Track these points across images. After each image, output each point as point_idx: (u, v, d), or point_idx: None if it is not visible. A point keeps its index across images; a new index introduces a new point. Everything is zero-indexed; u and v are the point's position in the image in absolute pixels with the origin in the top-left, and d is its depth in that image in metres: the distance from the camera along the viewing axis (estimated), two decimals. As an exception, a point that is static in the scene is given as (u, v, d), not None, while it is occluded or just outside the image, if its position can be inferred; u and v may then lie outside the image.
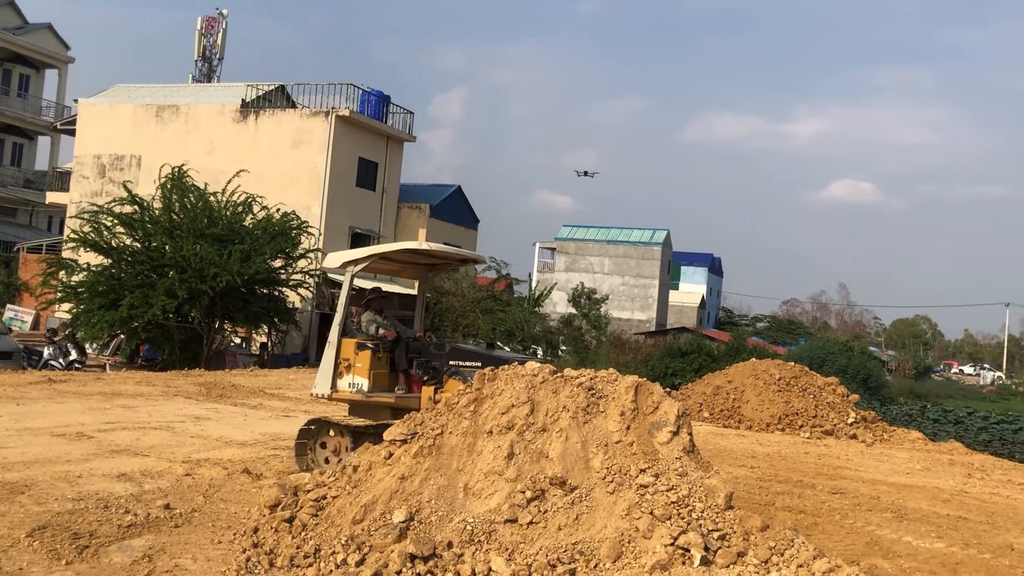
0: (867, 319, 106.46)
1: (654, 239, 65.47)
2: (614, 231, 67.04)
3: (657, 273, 64.74)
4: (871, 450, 15.57)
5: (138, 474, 8.88)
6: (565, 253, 66.45)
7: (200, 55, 47.22)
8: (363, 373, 9.57)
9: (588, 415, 6.97)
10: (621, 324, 55.52)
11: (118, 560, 6.11)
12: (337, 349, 9.65)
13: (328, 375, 9.64)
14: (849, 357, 30.40)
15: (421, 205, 36.36)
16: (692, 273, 79.78)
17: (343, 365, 9.66)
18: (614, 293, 60.47)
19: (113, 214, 23.54)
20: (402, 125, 35.73)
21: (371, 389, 9.56)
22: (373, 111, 33.77)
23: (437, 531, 6.21)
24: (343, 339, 9.71)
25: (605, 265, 65.16)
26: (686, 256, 77.79)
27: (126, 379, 18.32)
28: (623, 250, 65.16)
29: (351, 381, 9.60)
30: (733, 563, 5.76)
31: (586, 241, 66.41)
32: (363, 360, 9.59)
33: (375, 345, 9.70)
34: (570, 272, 63.73)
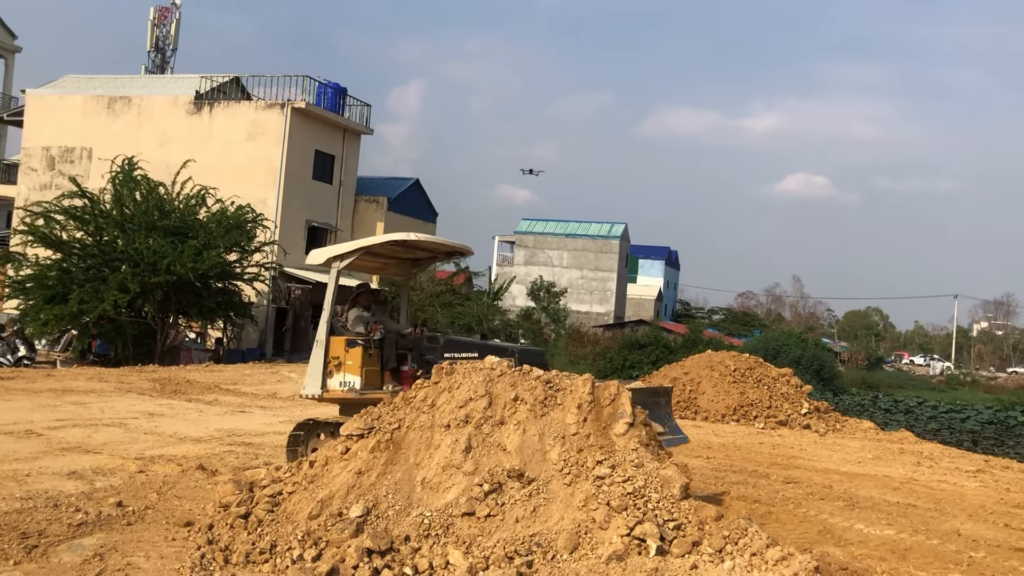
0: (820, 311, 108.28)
1: (612, 233, 65.81)
2: (573, 225, 67.26)
3: (615, 266, 65.10)
4: (824, 440, 15.83)
5: (89, 472, 8.73)
6: (524, 247, 66.52)
7: (153, 46, 46.46)
8: (355, 371, 9.36)
9: (546, 408, 7.00)
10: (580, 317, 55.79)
11: (68, 559, 6.01)
12: (326, 348, 9.41)
13: (318, 375, 9.38)
14: (803, 348, 30.90)
15: (379, 198, 36.14)
16: (649, 266, 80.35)
17: (333, 364, 9.42)
18: (573, 286, 60.73)
19: (62, 209, 23.05)
20: (359, 118, 35.47)
21: (364, 387, 9.38)
22: (330, 103, 33.46)
23: (394, 525, 6.20)
24: (331, 337, 9.49)
25: (564, 259, 65.36)
26: (643, 249, 78.35)
27: (77, 375, 17.99)
28: (582, 244, 65.42)
29: (342, 379, 9.39)
30: (688, 553, 5.82)
31: (545, 235, 66.54)
32: (354, 358, 9.40)
33: (365, 342, 9.50)
34: (529, 266, 63.83)
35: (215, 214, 24.92)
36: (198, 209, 24.74)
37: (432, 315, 32.91)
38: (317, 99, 32.82)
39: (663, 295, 79.18)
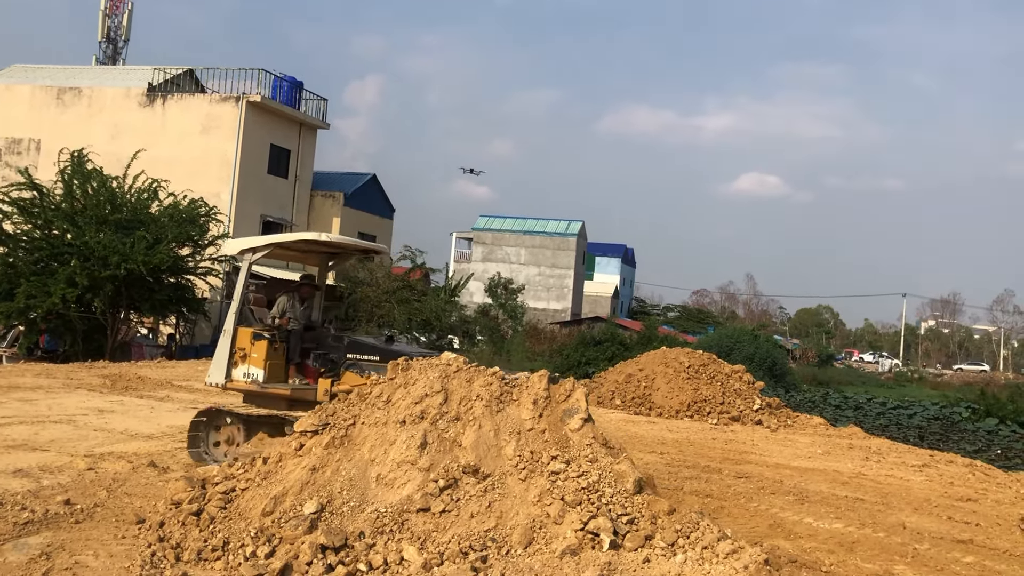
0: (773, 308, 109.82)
1: (569, 230, 66.09)
2: (530, 222, 67.43)
3: (572, 263, 65.41)
4: (775, 435, 16.07)
5: (36, 470, 8.56)
6: (482, 243, 66.53)
7: (104, 36, 45.54)
8: (259, 363, 9.42)
9: (502, 404, 7.03)
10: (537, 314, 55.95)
11: (13, 559, 5.89)
12: (233, 338, 9.49)
13: (223, 364, 9.47)
14: (756, 345, 31.32)
15: (335, 193, 35.89)
16: (606, 264, 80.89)
17: (238, 354, 9.50)
18: (530, 283, 60.90)
19: (9, 200, 22.53)
20: (315, 112, 35.18)
21: (267, 380, 9.43)
22: (285, 97, 33.15)
23: (349, 521, 6.18)
24: (239, 328, 9.55)
25: (521, 255, 65.49)
26: (600, 247, 78.86)
27: (24, 371, 17.62)
28: (539, 240, 65.61)
29: (246, 371, 9.45)
30: (641, 546, 5.89)
31: (503, 231, 66.62)
32: (259, 350, 9.44)
33: (272, 335, 9.55)
34: (487, 262, 63.86)
35: (167, 208, 24.54)
36: (150, 203, 24.34)
37: (388, 311, 32.73)
38: (273, 93, 32.50)
39: (619, 292, 79.76)
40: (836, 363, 71.16)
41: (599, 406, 18.04)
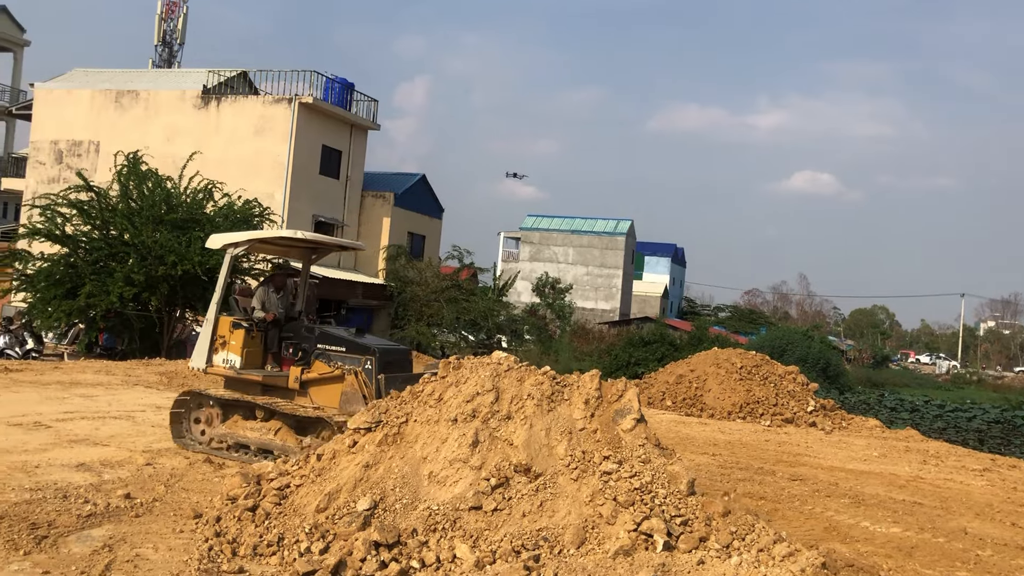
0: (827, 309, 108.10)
1: (618, 229, 65.77)
2: (578, 221, 67.24)
3: (621, 263, 65.07)
4: (830, 437, 15.81)
5: (98, 464, 8.76)
6: (530, 243, 66.53)
7: (160, 40, 46.47)
8: (236, 350, 10.04)
9: (553, 403, 7.01)
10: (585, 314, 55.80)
11: (77, 550, 6.04)
12: (214, 326, 10.14)
13: (204, 350, 10.14)
14: (809, 346, 30.88)
15: (385, 194, 36.15)
16: (655, 263, 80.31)
17: (219, 341, 10.13)
18: (578, 283, 60.73)
19: (68, 202, 23.09)
20: (366, 113, 35.47)
21: (243, 366, 10.03)
22: (337, 98, 33.47)
23: (401, 519, 6.21)
24: (221, 317, 10.21)
25: (569, 255, 65.35)
26: (649, 246, 78.31)
27: (85, 368, 18.04)
28: (587, 240, 65.39)
29: (225, 357, 10.09)
30: (695, 548, 5.83)
31: (550, 231, 66.54)
32: (237, 338, 10.06)
33: (249, 324, 10.11)
34: (534, 262, 63.86)
35: (222, 208, 24.93)
36: (205, 203, 24.76)
37: (437, 310, 32.91)
38: (324, 94, 32.84)
39: (669, 292, 79.17)
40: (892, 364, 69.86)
41: (649, 407, 17.93)
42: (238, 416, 9.85)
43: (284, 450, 9.23)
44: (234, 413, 9.88)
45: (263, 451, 9.45)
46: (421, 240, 38.66)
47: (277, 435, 9.51)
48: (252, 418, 9.76)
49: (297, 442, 9.30)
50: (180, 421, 10.10)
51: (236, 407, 9.87)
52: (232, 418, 9.87)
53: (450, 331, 33.75)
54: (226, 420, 9.89)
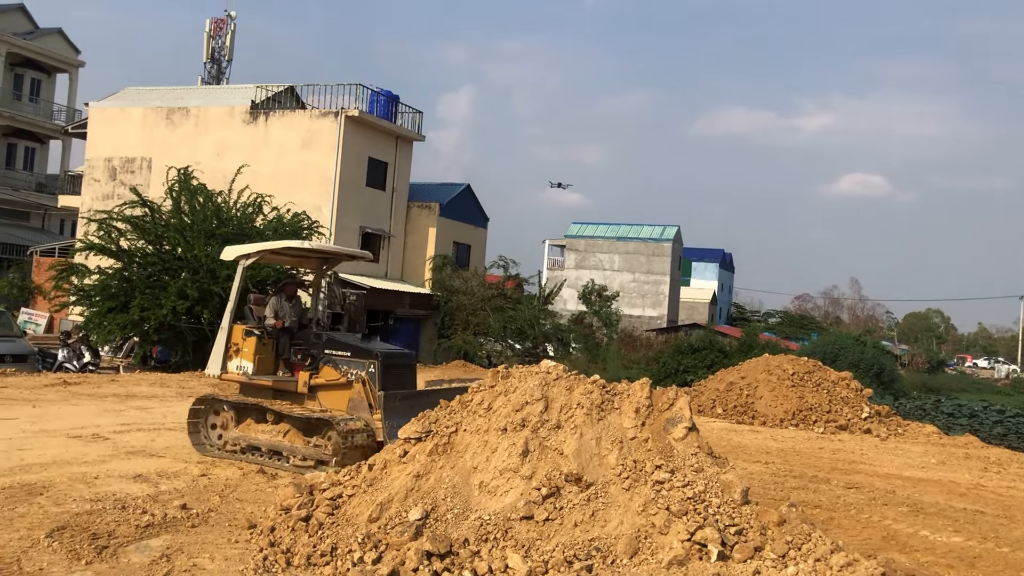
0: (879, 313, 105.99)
1: (664, 235, 65.31)
2: (624, 228, 66.89)
3: (668, 269, 64.57)
4: (886, 444, 15.51)
5: (154, 475, 8.92)
6: (575, 250, 66.36)
7: (209, 57, 47.44)
8: (248, 357, 10.50)
9: (603, 412, 6.97)
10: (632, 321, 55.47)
11: (137, 560, 6.14)
12: (228, 334, 10.58)
13: (219, 358, 10.58)
14: (862, 351, 30.29)
15: (431, 204, 36.35)
16: (703, 269, 79.55)
17: (233, 349, 10.59)
18: (625, 290, 60.37)
19: (123, 217, 23.60)
20: (411, 124, 35.72)
21: (255, 372, 10.45)
22: (382, 111, 33.76)
23: (453, 528, 6.22)
24: (234, 325, 10.64)
25: (615, 262, 65.05)
26: (697, 252, 77.60)
27: (140, 380, 18.41)
28: (633, 247, 65.03)
29: (239, 364, 10.55)
30: (750, 558, 5.75)
31: (596, 238, 66.29)
32: (249, 345, 10.52)
33: (261, 332, 10.57)
34: (580, 269, 63.66)
35: (272, 221, 25.29)
36: (255, 216, 25.13)
37: (483, 319, 32.98)
38: (370, 107, 33.14)
39: (717, 298, 78.40)
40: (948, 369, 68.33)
41: (699, 415, 17.75)
42: (251, 420, 10.32)
43: (293, 451, 9.80)
44: (247, 417, 10.37)
45: (274, 452, 9.95)
46: (467, 249, 38.79)
47: (286, 437, 9.99)
48: (263, 421, 10.22)
49: (305, 443, 9.81)
50: (198, 427, 10.58)
51: (248, 411, 10.36)
52: (245, 422, 10.35)
53: (496, 340, 33.78)
54: (240, 424, 10.39)
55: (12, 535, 6.49)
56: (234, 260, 11.19)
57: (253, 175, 26.18)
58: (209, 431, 10.55)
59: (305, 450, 9.74)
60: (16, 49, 45.76)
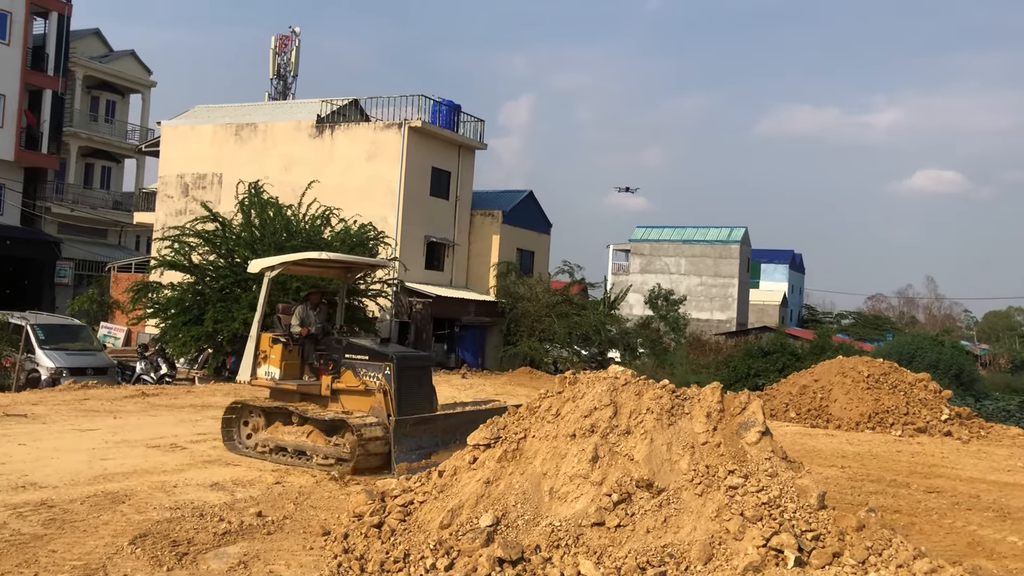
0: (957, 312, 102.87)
1: (732, 237, 64.45)
2: (690, 230, 66.21)
3: (736, 272, 63.69)
4: (967, 447, 15.02)
5: (230, 483, 9.10)
6: (640, 255, 65.90)
7: (275, 73, 48.43)
8: (276, 363, 11.05)
9: (673, 417, 6.89)
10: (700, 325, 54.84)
11: (215, 567, 6.27)
12: (257, 342, 11.18)
13: (249, 364, 11.16)
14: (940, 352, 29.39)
15: (494, 212, 36.48)
16: (772, 271, 78.25)
17: (261, 356, 11.16)
18: (692, 294, 59.71)
19: (195, 233, 24.21)
20: (473, 133, 35.93)
21: (282, 377, 11.00)
22: (444, 121, 34.03)
23: (524, 535, 6.20)
24: (262, 334, 11.24)
25: (681, 265, 64.41)
26: (766, 253, 76.37)
27: (215, 391, 18.83)
28: (700, 249, 64.31)
29: (267, 370, 11.11)
30: (828, 564, 5.61)
31: (661, 242, 65.73)
32: (276, 352, 11.07)
33: (286, 339, 11.10)
34: (645, 273, 63.19)
35: (339, 233, 25.67)
36: (323, 229, 25.54)
37: (548, 325, 32.93)
38: (432, 117, 33.43)
39: (788, 300, 77.05)
40: (1031, 369, 65.87)
41: (772, 419, 17.42)
42: (278, 422, 10.87)
43: (315, 450, 10.34)
44: (275, 420, 10.92)
45: (299, 452, 10.50)
46: (530, 256, 38.80)
47: (309, 437, 10.54)
48: (290, 423, 10.78)
49: (326, 443, 10.36)
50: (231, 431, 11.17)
51: (276, 414, 10.91)
52: (273, 424, 10.90)
53: (562, 346, 33.69)
54: (269, 425, 10.95)
55: (97, 542, 6.68)
56: (259, 272, 11.85)
57: (320, 188, 26.62)
58: (241, 434, 11.18)
59: (327, 449, 10.32)
60: (92, 72, 47.37)
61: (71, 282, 42.41)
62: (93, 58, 47.64)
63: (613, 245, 69.21)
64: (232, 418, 11.24)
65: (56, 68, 40.63)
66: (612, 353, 35.94)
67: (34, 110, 39.97)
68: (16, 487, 8.31)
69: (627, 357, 35.29)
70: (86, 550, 6.48)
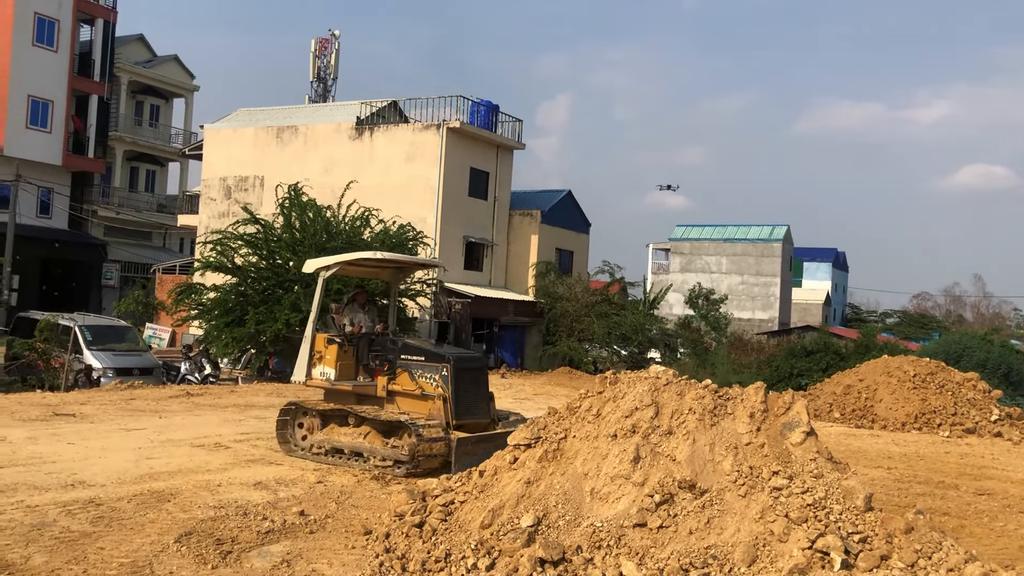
0: (1006, 311, 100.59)
1: (773, 235, 63.72)
2: (731, 229, 65.59)
3: (778, 271, 62.95)
4: (1019, 448, 14.69)
5: (273, 482, 9.18)
6: (680, 253, 65.42)
7: (315, 76, 48.93)
8: (331, 364, 10.97)
9: (715, 417, 6.82)
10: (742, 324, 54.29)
11: (259, 565, 6.33)
12: (311, 343, 11.09)
13: (304, 365, 11.09)
14: (988, 351, 28.79)
15: (532, 212, 36.47)
16: (815, 269, 77.25)
17: (317, 357, 11.09)
18: (733, 293, 59.15)
19: (237, 235, 24.50)
20: (511, 133, 35.94)
21: (337, 378, 10.93)
22: (483, 121, 34.08)
23: (565, 535, 6.17)
24: (317, 334, 11.13)
25: (723, 264, 63.82)
26: (808, 252, 75.41)
27: (258, 391, 19.04)
28: (741, 248, 63.68)
29: (322, 370, 11.04)
30: (876, 567, 5.51)
31: (701, 240, 65.19)
32: (331, 353, 10.99)
33: (341, 340, 11.00)
34: (686, 273, 62.72)
35: (379, 234, 25.83)
36: (363, 230, 25.71)
37: (588, 325, 32.82)
38: (471, 118, 33.50)
39: (831, 299, 76.02)
40: (1084, 368, 64.25)
41: (815, 419, 17.16)
42: (334, 424, 10.83)
43: (373, 452, 10.26)
44: (330, 421, 10.88)
45: (355, 454, 10.45)
46: (569, 256, 38.72)
47: (367, 439, 10.47)
48: (346, 425, 10.73)
49: (384, 444, 10.27)
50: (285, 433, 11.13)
51: (331, 416, 10.87)
52: (329, 426, 10.85)
53: (601, 346, 33.56)
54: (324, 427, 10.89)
55: (144, 540, 6.78)
56: (314, 272, 11.76)
57: (360, 189, 26.81)
58: (296, 435, 11.12)
59: (384, 451, 10.23)
60: (137, 77, 48.20)
61: (117, 284, 43.22)
62: (137, 63, 48.47)
63: (653, 244, 68.81)
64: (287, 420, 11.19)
65: (102, 74, 41.40)
66: (652, 353, 35.72)
67: (81, 115, 40.77)
68: (66, 485, 8.47)
69: (667, 357, 35.05)
70: (133, 547, 6.58)
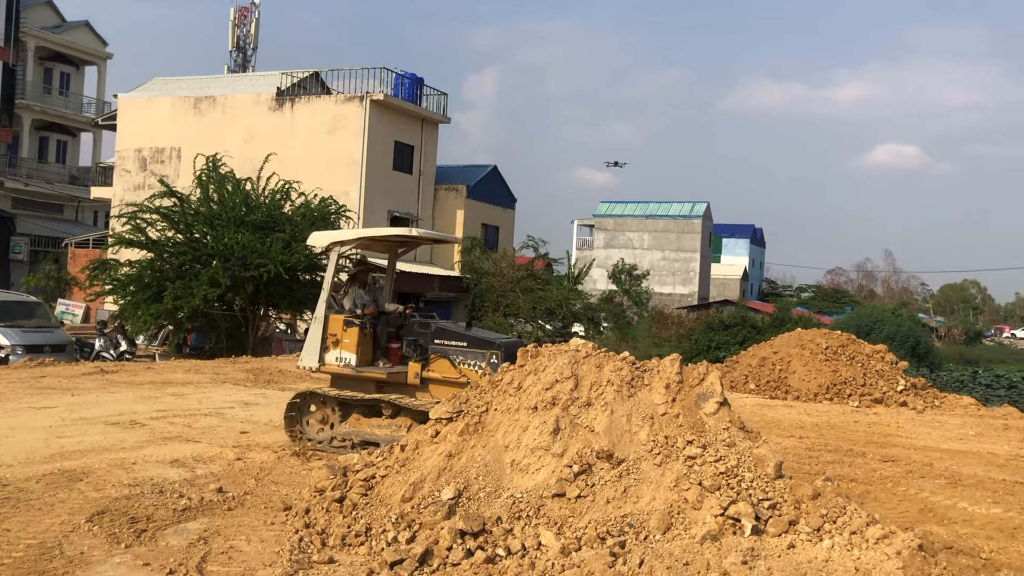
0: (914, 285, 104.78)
1: (694, 212, 64.89)
2: (653, 205, 66.54)
3: (698, 246, 64.20)
4: (922, 417, 15.34)
5: (190, 459, 9.03)
6: (604, 230, 66.14)
7: (234, 45, 47.68)
8: (351, 348, 9.90)
9: (633, 388, 6.95)
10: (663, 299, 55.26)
11: (175, 543, 6.23)
12: (324, 324, 10.01)
13: (315, 349, 10.01)
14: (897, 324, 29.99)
15: (458, 186, 36.38)
16: (734, 245, 79.04)
17: (330, 340, 9.98)
18: (655, 268, 60.13)
19: (152, 209, 23.80)
20: (436, 107, 35.73)
21: (359, 363, 9.91)
22: (407, 94, 33.78)
23: (486, 507, 6.24)
24: (331, 315, 10.05)
25: (645, 240, 64.76)
26: (727, 228, 77.08)
27: (175, 368, 18.62)
28: (663, 224, 64.68)
29: (339, 355, 9.94)
30: (784, 532, 5.71)
31: (624, 217, 66.01)
32: (351, 336, 9.92)
33: (362, 322, 9.99)
34: (609, 248, 63.47)
35: (300, 207, 25.41)
36: (283, 203, 25.26)
37: (513, 300, 33.01)
38: (395, 90, 33.17)
39: (748, 274, 77.89)
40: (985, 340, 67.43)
41: (732, 391, 17.64)
42: (357, 414, 9.91)
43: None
44: (352, 411, 9.96)
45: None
46: (495, 231, 38.82)
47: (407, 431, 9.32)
48: (374, 415, 9.82)
49: None
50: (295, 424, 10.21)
51: (354, 405, 9.92)
52: (352, 416, 9.92)
53: (527, 321, 33.83)
54: (344, 418, 9.97)
55: (53, 520, 6.61)
56: (325, 248, 10.74)
57: (281, 161, 26.30)
58: (308, 427, 10.19)
59: None
60: (45, 43, 46.24)
61: (26, 258, 41.60)
62: (45, 28, 46.48)
63: (577, 220, 69.38)
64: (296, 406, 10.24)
65: (7, 39, 39.53)
66: (576, 327, 36.15)
67: (-16, 82, 38.96)
68: (-30, 466, 8.18)
69: (591, 331, 35.51)
70: (41, 528, 6.40)
